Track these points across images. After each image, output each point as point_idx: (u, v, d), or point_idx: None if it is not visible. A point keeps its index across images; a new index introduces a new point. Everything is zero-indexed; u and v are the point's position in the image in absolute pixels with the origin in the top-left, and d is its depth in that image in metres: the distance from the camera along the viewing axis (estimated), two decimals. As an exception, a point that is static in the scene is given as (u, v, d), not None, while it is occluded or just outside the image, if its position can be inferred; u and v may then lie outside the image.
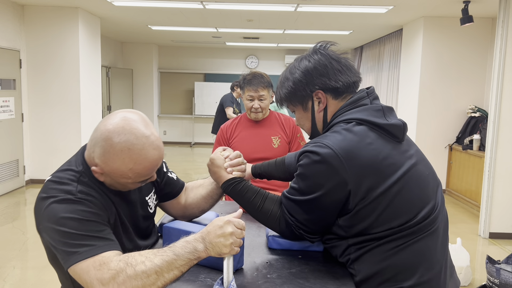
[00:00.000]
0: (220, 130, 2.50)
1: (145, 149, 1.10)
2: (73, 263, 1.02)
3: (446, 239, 1.22)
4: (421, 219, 1.13)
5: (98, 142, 1.11)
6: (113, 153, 1.09)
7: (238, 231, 1.06)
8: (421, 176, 1.18)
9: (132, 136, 1.09)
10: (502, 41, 4.11)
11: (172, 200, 1.48)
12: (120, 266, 0.99)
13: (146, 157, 1.11)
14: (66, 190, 1.10)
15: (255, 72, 2.42)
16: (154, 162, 1.13)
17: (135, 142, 1.09)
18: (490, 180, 4.26)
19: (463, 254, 3.18)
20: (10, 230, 4.22)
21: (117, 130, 1.09)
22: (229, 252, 1.04)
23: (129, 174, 1.12)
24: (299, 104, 1.29)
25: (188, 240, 1.05)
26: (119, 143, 1.08)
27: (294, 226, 1.22)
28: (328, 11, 5.75)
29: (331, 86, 1.23)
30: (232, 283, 1.05)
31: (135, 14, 6.42)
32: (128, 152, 1.09)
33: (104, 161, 1.11)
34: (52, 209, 1.07)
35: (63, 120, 6.14)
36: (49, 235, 1.07)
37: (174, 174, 1.50)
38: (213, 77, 10.63)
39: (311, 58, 1.26)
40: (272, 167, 1.52)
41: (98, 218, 1.09)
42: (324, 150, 1.12)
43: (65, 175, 1.15)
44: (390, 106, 1.24)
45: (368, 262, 1.13)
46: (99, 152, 1.11)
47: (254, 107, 2.37)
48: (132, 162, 1.10)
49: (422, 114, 6.08)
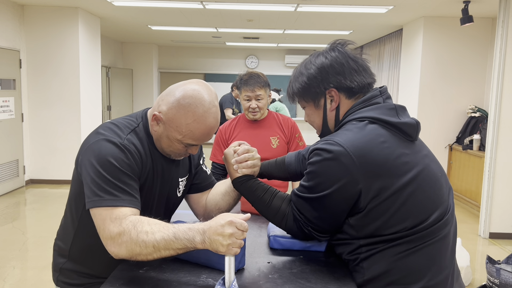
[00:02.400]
0: (219, 131, 2.50)
1: (207, 112, 1.20)
2: (95, 206, 1.12)
3: (455, 244, 1.21)
4: (434, 222, 1.11)
5: (170, 94, 1.21)
6: (181, 104, 1.19)
7: (238, 232, 1.05)
8: (434, 176, 1.16)
9: (202, 100, 1.20)
10: (502, 41, 4.11)
11: (198, 193, 1.51)
12: (128, 227, 1.08)
13: (205, 119, 1.20)
14: (117, 133, 1.21)
15: (252, 72, 2.42)
16: (208, 128, 1.21)
17: (202, 103, 1.19)
18: (490, 180, 4.26)
19: (463, 254, 3.18)
20: (10, 230, 4.22)
21: (190, 90, 1.20)
22: (225, 251, 1.04)
23: (183, 130, 1.20)
24: (311, 101, 1.27)
25: (190, 228, 1.08)
26: (190, 97, 1.19)
27: (303, 223, 1.21)
28: (328, 11, 5.76)
29: (346, 85, 1.21)
30: (233, 283, 1.04)
31: (135, 14, 6.42)
32: (194, 108, 1.18)
33: (170, 108, 1.20)
34: (99, 145, 1.17)
35: (63, 120, 6.14)
36: (87, 169, 1.16)
37: (208, 169, 1.55)
38: (213, 77, 10.63)
39: (328, 54, 1.23)
40: (272, 166, 1.52)
41: (132, 171, 1.18)
42: (335, 147, 1.10)
43: (123, 121, 1.27)
44: (403, 105, 1.22)
45: (378, 262, 1.12)
46: (169, 100, 1.21)
47: (251, 107, 2.37)
48: (192, 118, 1.19)
49: (422, 114, 6.08)
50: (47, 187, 6.01)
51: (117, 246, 1.08)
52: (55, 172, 6.21)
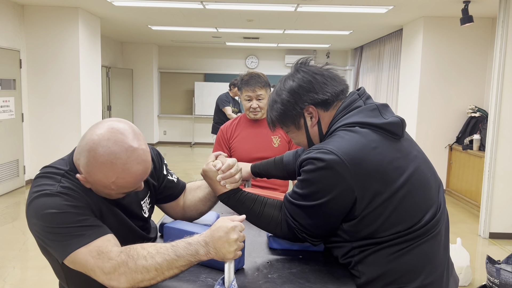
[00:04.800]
0: (220, 131, 2.51)
1: (129, 163, 1.06)
2: (67, 255, 1.04)
3: (448, 239, 1.22)
4: (426, 222, 1.12)
5: (83, 151, 1.08)
6: (96, 165, 1.05)
7: (242, 236, 1.07)
8: (424, 178, 1.17)
9: (117, 148, 1.05)
10: (502, 41, 4.11)
11: (171, 202, 1.47)
12: (121, 258, 1.03)
13: (129, 171, 1.07)
14: (48, 184, 1.10)
15: (252, 72, 2.44)
16: (137, 177, 1.09)
17: (119, 156, 1.05)
18: (490, 180, 4.26)
19: (463, 254, 3.18)
20: (10, 230, 4.22)
21: (102, 141, 1.05)
22: (233, 257, 1.05)
23: (111, 186, 1.09)
24: (291, 124, 1.28)
25: (190, 242, 1.05)
26: (103, 156, 1.04)
27: (297, 230, 1.21)
28: (328, 11, 5.75)
29: (320, 99, 1.23)
30: (233, 283, 1.05)
31: (135, 14, 6.42)
32: (110, 166, 1.05)
33: (88, 172, 1.08)
34: (35, 204, 1.07)
35: (63, 120, 6.14)
36: (38, 231, 1.08)
37: (175, 176, 1.48)
38: (213, 77, 10.63)
39: (294, 77, 1.26)
40: (271, 166, 1.53)
41: (79, 209, 1.08)
42: (329, 156, 1.09)
43: (52, 170, 1.14)
44: (384, 103, 1.23)
45: (372, 264, 1.13)
46: (83, 161, 1.08)
47: (252, 107, 2.39)
48: (114, 176, 1.06)
49: (422, 114, 6.08)
50: (47, 187, 6.01)
51: (115, 280, 1.02)
52: (55, 172, 6.20)
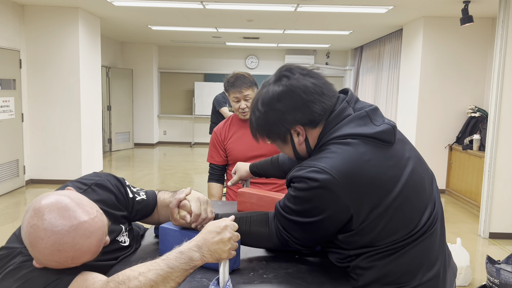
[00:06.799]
0: (214, 133, 2.50)
1: (78, 242, 0.97)
2: None
3: (443, 232, 1.21)
4: (424, 224, 1.12)
5: (27, 245, 0.98)
6: (45, 258, 0.97)
7: (235, 234, 1.07)
8: (419, 179, 1.15)
9: (57, 236, 0.95)
10: (502, 41, 4.10)
11: (147, 217, 1.40)
12: (110, 286, 0.98)
13: (81, 250, 0.98)
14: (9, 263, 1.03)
15: (238, 73, 2.44)
16: (93, 248, 1.01)
17: (62, 241, 0.96)
18: (490, 180, 4.25)
19: (463, 254, 3.18)
20: (10, 230, 4.21)
21: (39, 232, 0.95)
22: (227, 257, 1.05)
23: (72, 265, 1.01)
24: (278, 139, 1.21)
25: (182, 251, 1.03)
26: (46, 248, 0.95)
27: (291, 242, 1.19)
28: (328, 11, 5.75)
29: (307, 119, 1.15)
30: (228, 283, 1.04)
31: (135, 14, 6.42)
32: (59, 254, 0.96)
33: (41, 263, 1.00)
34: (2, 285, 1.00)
35: (63, 120, 6.14)
36: None
37: (142, 192, 1.38)
38: (213, 77, 10.62)
39: (280, 96, 1.16)
40: (268, 165, 1.53)
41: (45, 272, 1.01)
42: (323, 176, 1.05)
43: (4, 252, 1.07)
44: (373, 107, 1.17)
45: (370, 268, 1.11)
46: (32, 254, 0.99)
47: (241, 108, 2.39)
48: (69, 259, 0.98)
49: (422, 114, 6.07)
50: (47, 187, 6.01)
51: None
52: (55, 172, 6.21)
